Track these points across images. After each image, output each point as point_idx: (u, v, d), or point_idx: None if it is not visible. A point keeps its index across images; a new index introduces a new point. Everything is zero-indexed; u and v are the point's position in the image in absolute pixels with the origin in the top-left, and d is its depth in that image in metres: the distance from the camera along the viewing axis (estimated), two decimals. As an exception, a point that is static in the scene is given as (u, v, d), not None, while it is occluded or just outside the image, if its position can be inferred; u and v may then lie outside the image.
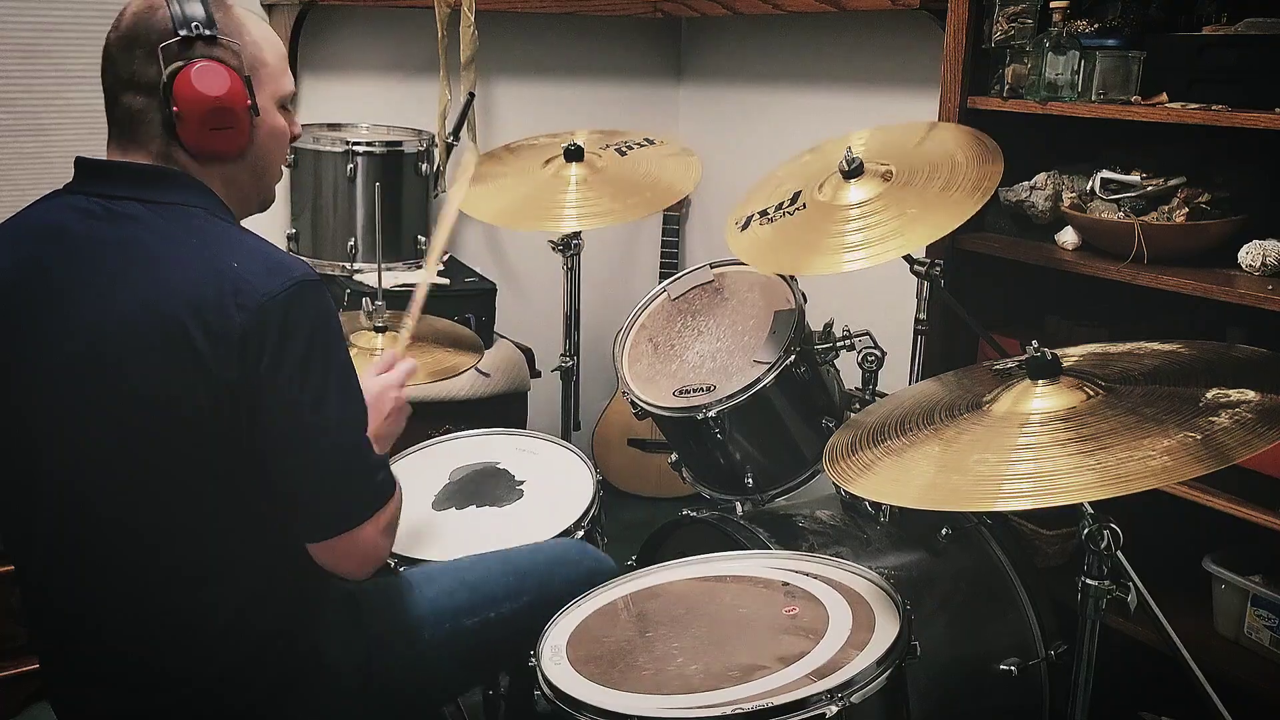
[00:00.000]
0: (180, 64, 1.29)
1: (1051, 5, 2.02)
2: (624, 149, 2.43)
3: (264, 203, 1.49)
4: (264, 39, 1.40)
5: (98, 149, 1.40)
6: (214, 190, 1.38)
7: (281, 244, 2.91)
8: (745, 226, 2.01)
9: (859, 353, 2.00)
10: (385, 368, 1.62)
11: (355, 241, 2.79)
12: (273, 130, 1.41)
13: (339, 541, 1.35)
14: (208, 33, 1.30)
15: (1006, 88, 2.13)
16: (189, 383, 1.26)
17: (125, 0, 1.35)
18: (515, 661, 1.58)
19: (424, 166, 2.88)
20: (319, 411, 1.29)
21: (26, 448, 1.35)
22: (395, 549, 1.83)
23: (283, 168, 1.50)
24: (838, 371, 2.11)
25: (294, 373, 1.27)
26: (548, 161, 2.39)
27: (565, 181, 2.32)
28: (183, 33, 1.29)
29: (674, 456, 2.20)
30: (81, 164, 1.38)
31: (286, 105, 1.45)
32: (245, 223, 1.47)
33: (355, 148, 2.75)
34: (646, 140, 2.48)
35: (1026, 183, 2.21)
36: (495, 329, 2.90)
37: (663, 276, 3.22)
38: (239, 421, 1.28)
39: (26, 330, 1.32)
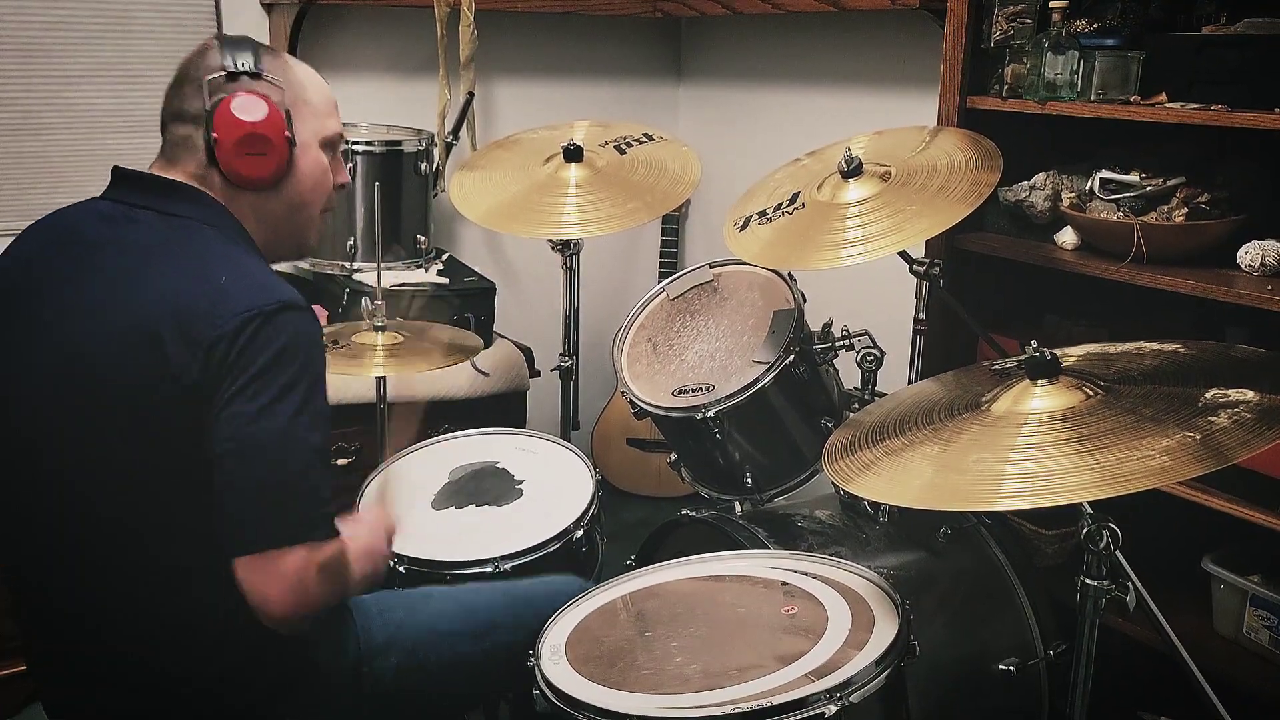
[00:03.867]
0: (223, 95, 1.38)
1: (1051, 5, 2.02)
2: (623, 146, 2.42)
3: (300, 246, 1.52)
4: (310, 82, 1.47)
5: (98, 149, 1.41)
6: (242, 218, 1.42)
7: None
8: (744, 227, 2.01)
9: (858, 352, 2.00)
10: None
11: (355, 241, 2.79)
12: (312, 165, 1.46)
13: (263, 560, 1.28)
14: (253, 69, 1.40)
15: (1006, 87, 2.13)
16: (160, 387, 1.27)
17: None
18: (514, 691, 1.56)
19: (423, 166, 2.88)
20: (264, 422, 1.26)
21: (26, 446, 1.36)
22: (395, 548, 1.83)
23: (325, 214, 1.52)
24: (837, 371, 2.11)
25: (248, 382, 1.26)
26: (548, 159, 2.39)
27: (564, 184, 2.32)
28: (229, 68, 1.39)
29: (673, 456, 2.20)
30: (116, 172, 1.43)
31: (333, 149, 1.50)
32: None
33: (354, 147, 2.75)
34: (645, 136, 2.47)
35: (1026, 182, 2.21)
36: (494, 328, 2.90)
37: (662, 276, 3.22)
38: (203, 426, 1.28)
39: (28, 328, 1.34)
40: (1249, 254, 1.88)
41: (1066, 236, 2.14)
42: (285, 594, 1.28)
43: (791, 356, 1.95)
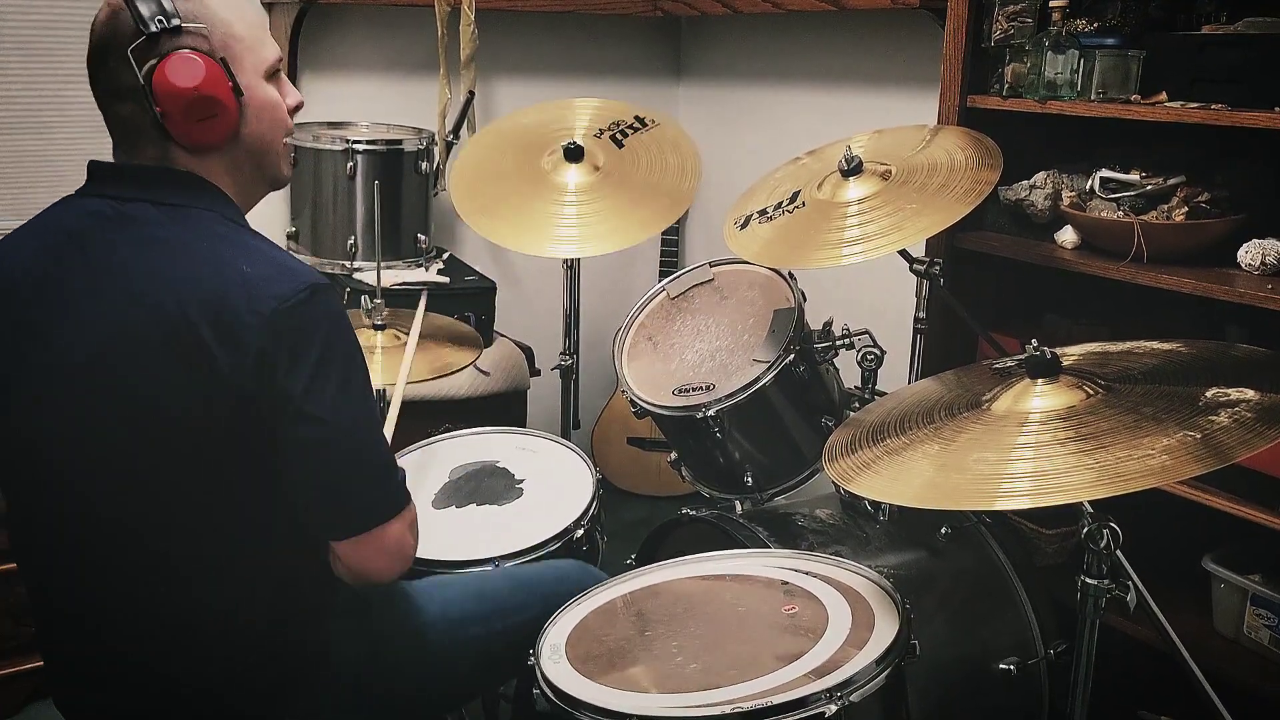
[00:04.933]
0: (153, 62, 1.29)
1: (1051, 4, 2.02)
2: (619, 137, 2.41)
3: (274, 181, 1.46)
4: (232, 14, 1.35)
5: (98, 147, 1.40)
6: (222, 184, 1.38)
7: (281, 242, 2.91)
8: (744, 226, 2.01)
9: (858, 351, 2.00)
10: None
11: (355, 240, 2.79)
12: (263, 104, 1.38)
13: (369, 538, 1.34)
14: (171, 24, 1.28)
15: (1006, 87, 2.13)
16: (200, 388, 1.25)
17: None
18: (519, 670, 1.57)
19: (424, 165, 2.88)
20: (340, 413, 1.29)
21: (29, 448, 1.35)
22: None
23: (289, 141, 1.46)
24: (837, 370, 2.11)
25: (311, 379, 1.26)
26: (546, 160, 2.38)
27: (564, 189, 2.31)
28: (145, 29, 1.28)
29: (673, 455, 2.20)
30: (94, 167, 1.39)
31: (276, 74, 1.41)
32: (251, 214, 1.46)
33: (355, 146, 2.75)
34: (637, 119, 2.46)
35: (1026, 181, 2.21)
36: (495, 327, 2.90)
37: (662, 275, 3.22)
38: (251, 428, 1.28)
39: (36, 332, 1.32)
40: (1249, 253, 1.88)
41: (1066, 235, 2.14)
42: (391, 563, 1.38)
43: (792, 355, 1.95)
